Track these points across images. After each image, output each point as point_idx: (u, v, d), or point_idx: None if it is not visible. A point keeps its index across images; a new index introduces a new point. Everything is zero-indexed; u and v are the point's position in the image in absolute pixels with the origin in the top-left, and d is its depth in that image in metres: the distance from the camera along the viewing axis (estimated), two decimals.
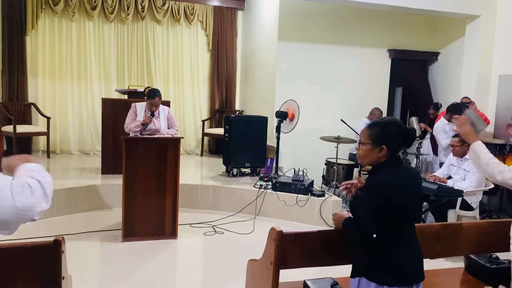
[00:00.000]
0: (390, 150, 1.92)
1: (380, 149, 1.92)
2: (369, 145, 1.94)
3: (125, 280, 3.44)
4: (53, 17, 7.02)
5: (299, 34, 7.10)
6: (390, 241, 1.87)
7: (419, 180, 2.03)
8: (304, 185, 5.09)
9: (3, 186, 1.09)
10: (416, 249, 1.95)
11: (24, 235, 4.14)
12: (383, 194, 1.83)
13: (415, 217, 1.96)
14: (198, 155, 7.76)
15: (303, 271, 2.32)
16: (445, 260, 3.81)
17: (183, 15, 7.58)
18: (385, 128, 1.95)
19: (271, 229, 2.11)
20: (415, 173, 2.04)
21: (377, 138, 1.93)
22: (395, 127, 1.95)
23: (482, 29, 6.55)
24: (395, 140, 1.93)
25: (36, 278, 1.80)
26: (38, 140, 7.10)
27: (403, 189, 1.88)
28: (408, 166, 2.04)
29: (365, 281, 1.89)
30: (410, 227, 1.95)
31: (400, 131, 1.95)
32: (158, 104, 4.58)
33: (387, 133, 1.93)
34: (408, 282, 1.88)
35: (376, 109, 6.56)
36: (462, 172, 4.50)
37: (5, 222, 1.09)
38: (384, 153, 1.92)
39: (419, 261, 1.95)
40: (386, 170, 1.92)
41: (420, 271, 1.94)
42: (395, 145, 1.94)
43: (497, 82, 6.51)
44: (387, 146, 1.91)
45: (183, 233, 4.41)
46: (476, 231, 2.54)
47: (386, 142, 1.91)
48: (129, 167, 4.09)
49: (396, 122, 1.99)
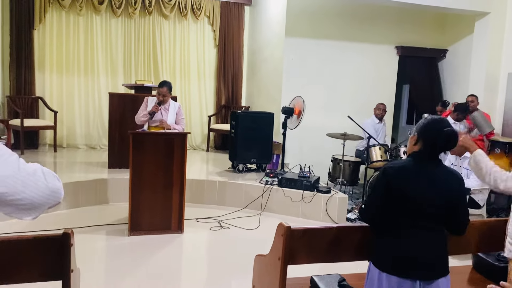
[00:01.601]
0: (422, 143, 1.96)
1: (415, 137, 2.00)
2: (413, 134, 2.03)
3: (132, 273, 3.45)
4: (60, 12, 7.04)
5: (306, 30, 7.06)
6: (389, 227, 1.94)
7: (453, 182, 1.96)
8: (310, 181, 5.08)
9: (34, 169, 1.11)
10: (421, 244, 1.89)
11: (31, 228, 4.18)
12: (383, 177, 1.93)
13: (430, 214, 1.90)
14: (204, 150, 7.77)
15: (310, 267, 2.32)
16: (452, 258, 3.77)
17: (190, 10, 7.57)
18: (428, 121, 2.00)
19: (279, 225, 2.10)
20: (449, 173, 1.98)
21: (417, 127, 2.02)
22: (433, 122, 1.97)
23: (491, 27, 6.48)
24: (427, 134, 1.96)
25: (45, 271, 1.81)
26: (45, 134, 7.14)
27: (405, 178, 1.89)
28: (444, 166, 2.00)
29: (371, 265, 1.98)
30: (413, 221, 1.89)
31: (434, 128, 1.95)
32: (166, 93, 4.65)
33: (424, 125, 1.99)
34: (404, 275, 1.85)
35: (380, 104, 6.59)
36: (464, 171, 4.48)
37: (38, 204, 1.11)
38: (418, 145, 1.98)
39: (419, 258, 1.89)
40: (406, 159, 2.00)
41: (423, 268, 1.89)
42: (426, 139, 1.95)
43: (506, 80, 6.45)
44: (419, 137, 1.97)
45: (189, 228, 4.42)
46: (483, 229, 2.52)
47: (420, 133, 1.98)
48: (136, 162, 4.10)
49: (438, 120, 1.99)
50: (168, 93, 4.70)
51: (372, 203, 1.99)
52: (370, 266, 1.99)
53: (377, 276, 1.91)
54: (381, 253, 1.95)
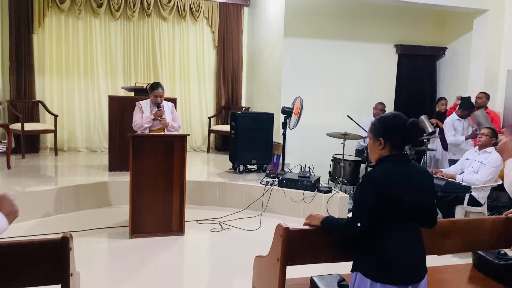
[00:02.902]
0: (389, 144, 1.93)
1: (379, 142, 1.94)
2: (371, 138, 1.99)
3: (133, 276, 3.46)
4: (59, 15, 7.05)
5: (305, 30, 7.07)
6: (377, 235, 1.87)
7: (426, 178, 1.97)
8: (311, 181, 5.08)
9: None
10: (408, 248, 1.88)
11: (32, 232, 4.19)
12: (372, 186, 1.86)
13: (414, 214, 1.90)
14: (205, 151, 7.77)
15: (310, 268, 2.31)
16: (453, 256, 3.80)
17: (189, 12, 7.58)
18: (384, 121, 1.97)
19: (278, 226, 2.10)
20: (422, 170, 2.00)
21: (375, 131, 1.97)
22: (394, 121, 1.95)
23: (490, 24, 6.47)
24: (392, 134, 1.92)
25: (44, 275, 1.82)
26: (45, 137, 7.15)
27: (396, 183, 1.86)
28: (414, 163, 2.01)
29: (359, 276, 1.90)
30: (403, 224, 1.88)
31: (396, 124, 1.94)
32: (162, 94, 4.58)
33: (383, 125, 1.96)
34: (391, 281, 1.83)
35: (379, 104, 6.59)
36: (477, 164, 4.44)
37: None
38: (384, 147, 1.93)
39: (411, 262, 1.88)
40: (383, 164, 1.93)
41: (412, 272, 1.88)
42: (393, 139, 1.93)
43: (505, 77, 6.44)
44: (384, 140, 1.92)
45: (190, 230, 4.43)
46: (484, 227, 2.52)
47: (383, 135, 1.93)
48: (136, 164, 4.11)
49: (396, 117, 1.97)
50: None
51: (362, 214, 1.87)
52: (356, 277, 1.91)
53: (368, 286, 1.85)
54: (372, 263, 1.87)
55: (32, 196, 4.64)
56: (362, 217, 1.87)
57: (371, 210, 1.85)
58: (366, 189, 1.88)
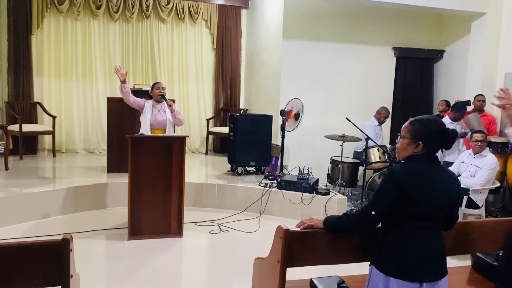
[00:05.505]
0: (426, 148, 1.96)
1: (416, 145, 1.96)
2: (408, 140, 2.00)
3: (131, 278, 3.45)
4: (58, 17, 7.05)
5: (304, 33, 7.08)
6: (393, 232, 1.93)
7: (452, 183, 1.99)
8: (309, 183, 5.09)
9: None
10: (423, 246, 1.92)
11: (30, 234, 4.18)
12: (392, 181, 1.89)
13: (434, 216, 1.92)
14: (203, 153, 7.77)
15: (310, 270, 2.32)
16: (452, 258, 3.79)
17: (188, 14, 7.59)
18: (426, 125, 1.98)
19: (278, 228, 2.10)
20: (449, 175, 2.02)
21: (416, 134, 1.97)
22: (435, 126, 1.97)
23: (488, 27, 6.50)
24: (432, 139, 1.96)
25: (45, 276, 1.81)
26: (43, 139, 7.14)
27: (419, 184, 1.89)
28: (443, 167, 2.04)
29: (374, 269, 1.96)
30: (420, 223, 1.91)
31: (439, 131, 1.97)
32: (164, 87, 4.67)
33: (426, 130, 1.97)
34: (413, 278, 1.86)
35: (383, 108, 6.53)
36: (473, 168, 4.48)
37: None
38: (420, 150, 1.96)
39: (426, 260, 1.91)
40: (411, 163, 1.97)
41: (426, 270, 1.91)
42: (432, 143, 1.97)
43: (503, 80, 6.47)
44: (424, 143, 1.95)
45: (188, 232, 4.43)
46: (482, 229, 2.52)
47: (423, 139, 1.95)
48: (135, 166, 4.10)
49: (437, 122, 2.00)
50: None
51: (377, 204, 1.93)
52: (372, 271, 1.98)
53: (381, 280, 1.90)
54: (387, 257, 1.93)
55: (30, 197, 4.63)
56: (377, 207, 1.93)
57: (387, 202, 1.90)
58: (386, 182, 1.93)
